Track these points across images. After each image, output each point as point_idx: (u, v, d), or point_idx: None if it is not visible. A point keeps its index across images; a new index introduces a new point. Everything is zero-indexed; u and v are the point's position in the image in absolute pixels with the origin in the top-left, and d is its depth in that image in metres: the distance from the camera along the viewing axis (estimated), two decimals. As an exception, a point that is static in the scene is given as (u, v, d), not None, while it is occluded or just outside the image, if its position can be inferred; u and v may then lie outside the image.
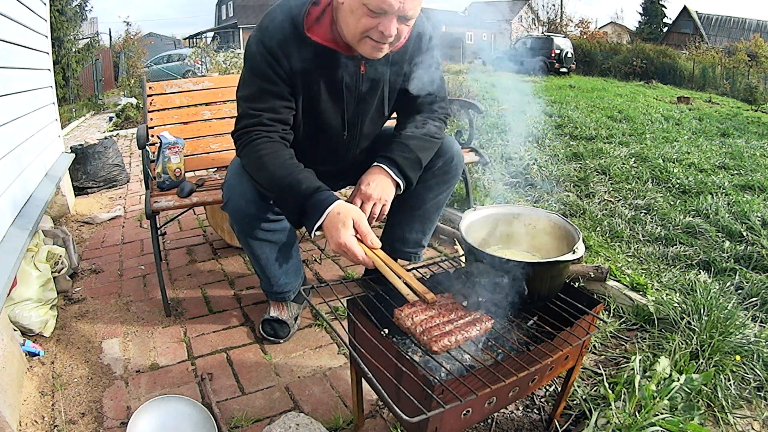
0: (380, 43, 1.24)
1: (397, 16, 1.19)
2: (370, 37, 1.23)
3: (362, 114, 1.49)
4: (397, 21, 1.21)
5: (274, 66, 1.33)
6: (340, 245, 1.14)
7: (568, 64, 17.28)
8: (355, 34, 1.24)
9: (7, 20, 2.26)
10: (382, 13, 1.18)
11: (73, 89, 10.91)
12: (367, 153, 1.58)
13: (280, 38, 1.32)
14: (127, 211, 3.23)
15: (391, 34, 1.21)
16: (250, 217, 1.45)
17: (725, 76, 16.14)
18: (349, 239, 1.13)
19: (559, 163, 4.03)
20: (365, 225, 1.16)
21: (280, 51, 1.32)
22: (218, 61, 9.31)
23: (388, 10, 1.17)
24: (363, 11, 1.19)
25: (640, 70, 17.79)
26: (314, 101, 1.42)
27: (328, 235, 1.17)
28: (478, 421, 1.30)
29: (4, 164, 1.95)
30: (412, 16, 1.21)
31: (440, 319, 1.09)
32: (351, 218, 1.15)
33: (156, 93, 2.23)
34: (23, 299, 1.76)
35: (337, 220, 1.15)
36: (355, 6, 1.20)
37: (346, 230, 1.14)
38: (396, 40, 1.27)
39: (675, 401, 1.29)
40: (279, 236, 1.54)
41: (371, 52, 1.28)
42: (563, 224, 1.23)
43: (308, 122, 1.46)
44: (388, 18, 1.19)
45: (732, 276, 2.12)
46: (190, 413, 1.35)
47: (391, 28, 1.20)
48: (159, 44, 25.77)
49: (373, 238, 1.15)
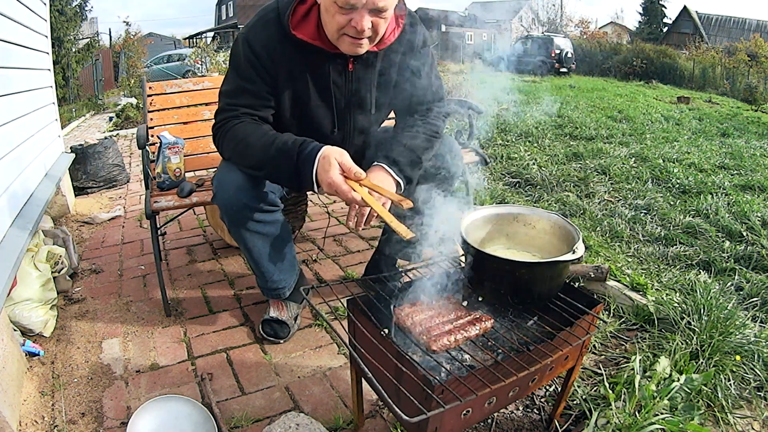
0: (357, 39, 1.26)
1: (368, 9, 1.20)
2: (347, 34, 1.25)
3: (352, 111, 1.50)
4: (370, 14, 1.22)
5: (256, 65, 1.36)
6: (330, 185, 1.22)
7: (568, 64, 17.27)
8: (332, 32, 1.27)
9: (7, 20, 2.26)
10: (351, 8, 1.20)
11: (73, 89, 10.91)
12: (362, 151, 1.58)
13: (265, 37, 1.34)
14: (127, 211, 3.23)
15: (363, 28, 1.22)
16: (240, 207, 1.45)
17: (725, 76, 16.13)
18: (336, 178, 1.21)
19: (559, 163, 4.03)
20: (347, 161, 1.24)
21: (264, 50, 1.34)
22: (218, 61, 9.31)
23: (355, 4, 1.18)
24: (335, 9, 1.21)
25: (640, 70, 17.77)
26: (303, 99, 1.43)
27: (320, 180, 1.24)
28: (478, 421, 1.30)
29: (4, 164, 1.95)
30: (383, 8, 1.21)
31: (440, 318, 1.09)
32: (334, 158, 1.23)
33: (156, 93, 2.23)
34: (23, 299, 1.76)
35: (324, 163, 1.23)
36: (327, 4, 1.23)
37: (333, 170, 1.22)
38: (375, 34, 1.27)
39: (675, 401, 1.29)
40: (271, 228, 1.54)
41: (351, 49, 1.29)
42: (563, 224, 1.23)
43: (299, 120, 1.47)
44: (358, 13, 1.20)
45: (732, 276, 2.12)
46: (190, 413, 1.35)
47: (363, 22, 1.21)
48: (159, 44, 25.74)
49: (357, 170, 1.23)
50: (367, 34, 1.25)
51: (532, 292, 1.10)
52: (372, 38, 1.28)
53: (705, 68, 16.98)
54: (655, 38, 26.91)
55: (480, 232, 1.28)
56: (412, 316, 1.09)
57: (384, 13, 1.23)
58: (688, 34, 26.31)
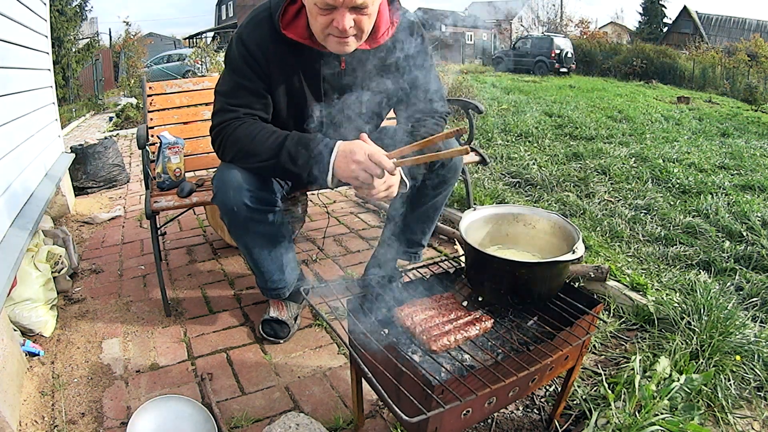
0: (342, 38, 1.26)
1: (347, 8, 1.20)
2: (332, 34, 1.26)
3: (346, 109, 1.50)
4: (351, 11, 1.22)
5: (252, 64, 1.36)
6: (371, 156, 1.19)
7: (568, 64, 17.28)
8: (318, 32, 1.28)
9: (7, 20, 2.26)
10: (330, 8, 1.20)
11: (73, 89, 10.91)
12: None
13: (258, 36, 1.35)
14: (127, 211, 3.23)
15: (345, 27, 1.22)
16: (240, 207, 1.44)
17: (725, 76, 16.13)
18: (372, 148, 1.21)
19: (559, 163, 4.03)
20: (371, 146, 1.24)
21: (258, 49, 1.35)
22: (218, 61, 9.31)
23: (333, 3, 1.19)
24: (316, 10, 1.22)
25: (640, 70, 17.77)
26: (297, 98, 1.44)
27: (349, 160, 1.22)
28: (478, 421, 1.30)
29: (4, 164, 1.95)
30: (363, 4, 1.21)
31: (440, 318, 1.09)
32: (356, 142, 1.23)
33: (156, 93, 2.23)
34: (23, 299, 1.76)
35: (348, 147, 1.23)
36: (309, 6, 1.24)
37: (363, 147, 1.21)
38: (360, 32, 1.27)
39: (675, 401, 1.29)
40: (271, 228, 1.54)
41: (338, 48, 1.30)
42: (563, 224, 1.23)
43: (294, 119, 1.48)
44: (339, 12, 1.21)
45: (732, 276, 2.12)
46: (190, 413, 1.35)
47: (344, 21, 1.21)
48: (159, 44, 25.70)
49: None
50: (351, 33, 1.25)
51: (532, 292, 1.10)
52: (358, 36, 1.28)
53: (705, 68, 16.98)
54: (655, 38, 26.91)
55: (480, 232, 1.28)
56: (412, 316, 1.09)
57: (365, 9, 1.23)
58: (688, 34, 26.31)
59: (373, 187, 1.26)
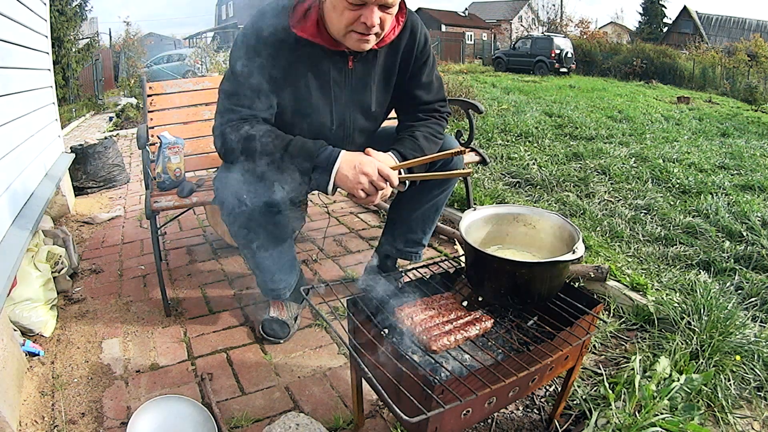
0: (365, 35, 1.27)
1: (377, 5, 1.21)
2: (355, 30, 1.26)
3: (352, 109, 1.50)
4: (379, 9, 1.23)
5: (257, 61, 1.35)
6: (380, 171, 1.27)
7: (568, 64, 17.27)
8: (339, 28, 1.27)
9: (7, 20, 2.26)
10: (362, 4, 1.21)
11: (73, 89, 10.89)
12: (362, 150, 1.58)
13: (266, 35, 1.34)
14: (127, 211, 3.23)
15: (373, 24, 1.23)
16: (240, 207, 1.45)
17: (725, 76, 16.14)
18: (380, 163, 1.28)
19: (559, 163, 4.03)
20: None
21: (264, 48, 1.34)
22: (218, 61, 9.32)
23: (367, 0, 1.19)
24: (344, 5, 1.22)
25: (640, 70, 17.77)
26: (303, 97, 1.44)
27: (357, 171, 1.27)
28: (478, 421, 1.30)
29: (4, 164, 1.95)
30: (392, 3, 1.23)
31: (440, 318, 1.09)
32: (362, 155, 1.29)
33: (156, 93, 2.23)
34: (23, 299, 1.76)
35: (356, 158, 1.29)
36: (336, 1, 1.23)
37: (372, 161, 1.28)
38: (381, 30, 1.29)
39: (675, 401, 1.29)
40: (271, 229, 1.53)
41: (358, 45, 1.30)
42: (563, 224, 1.23)
43: (299, 118, 1.47)
44: (368, 8, 1.21)
45: (732, 276, 2.12)
46: (190, 413, 1.35)
47: (373, 17, 1.22)
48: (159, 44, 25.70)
49: None
50: (376, 30, 1.26)
51: (532, 292, 1.10)
52: (378, 34, 1.29)
53: (705, 68, 16.99)
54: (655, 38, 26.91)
55: (480, 232, 1.28)
56: (412, 316, 1.09)
57: (391, 8, 1.25)
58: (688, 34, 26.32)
59: (374, 198, 1.27)
